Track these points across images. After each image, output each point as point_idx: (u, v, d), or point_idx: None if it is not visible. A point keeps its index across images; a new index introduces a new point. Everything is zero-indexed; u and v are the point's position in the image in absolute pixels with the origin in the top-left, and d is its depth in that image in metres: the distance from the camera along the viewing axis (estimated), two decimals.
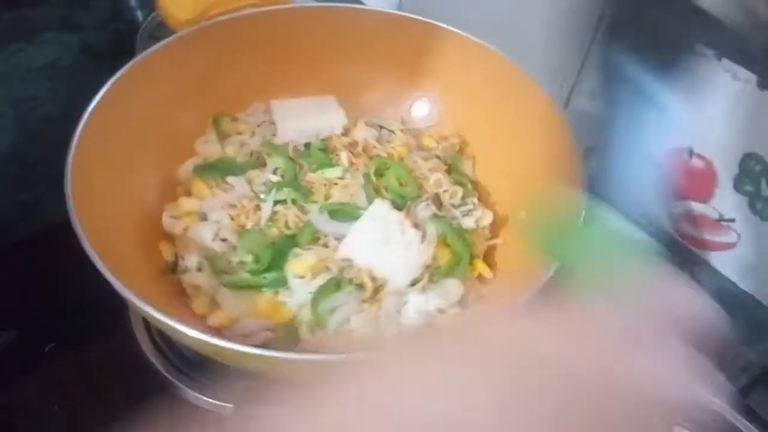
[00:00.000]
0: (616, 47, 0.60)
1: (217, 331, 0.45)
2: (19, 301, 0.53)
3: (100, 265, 0.36)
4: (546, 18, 0.67)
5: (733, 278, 0.60)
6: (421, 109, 0.62)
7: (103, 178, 0.45)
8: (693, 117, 0.58)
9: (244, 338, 0.45)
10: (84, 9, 0.86)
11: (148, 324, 0.49)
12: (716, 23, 0.51)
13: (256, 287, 0.47)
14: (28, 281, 0.54)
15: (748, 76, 0.53)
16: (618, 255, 0.34)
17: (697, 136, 0.58)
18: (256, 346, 0.41)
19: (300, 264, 0.46)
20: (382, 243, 0.46)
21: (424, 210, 0.51)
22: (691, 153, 0.59)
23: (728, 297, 0.60)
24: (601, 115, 0.66)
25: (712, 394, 0.27)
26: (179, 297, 0.47)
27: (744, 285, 0.60)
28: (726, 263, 0.60)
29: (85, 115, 0.44)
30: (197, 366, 0.47)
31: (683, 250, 0.63)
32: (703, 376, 0.27)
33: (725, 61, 0.54)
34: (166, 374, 0.49)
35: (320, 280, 0.46)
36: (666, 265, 0.32)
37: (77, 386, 0.49)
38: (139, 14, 0.89)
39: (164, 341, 0.48)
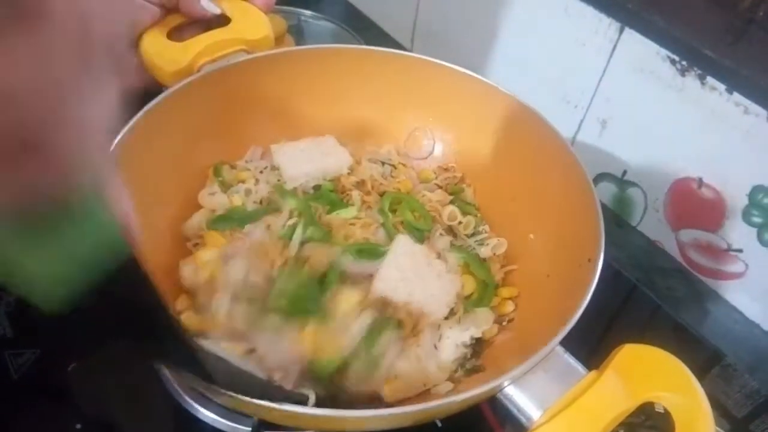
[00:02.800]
0: None
1: None
2: (42, 320, 0.54)
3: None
4: (560, 46, 0.68)
5: (740, 307, 0.62)
6: (416, 142, 0.61)
7: None
8: (703, 148, 0.59)
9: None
10: None
11: None
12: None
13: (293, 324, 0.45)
14: None
15: (758, 111, 0.54)
16: None
17: (708, 166, 0.60)
18: None
19: (347, 301, 0.45)
20: (415, 277, 0.46)
21: (441, 241, 0.52)
22: (700, 183, 0.60)
23: (734, 325, 0.61)
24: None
25: None
26: None
27: (750, 314, 0.61)
28: (733, 292, 0.62)
29: None
30: None
31: (691, 278, 0.64)
32: None
33: (736, 95, 0.55)
34: (185, 396, 0.50)
35: (365, 317, 0.45)
36: None
37: (99, 406, 0.50)
38: None
39: None
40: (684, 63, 0.58)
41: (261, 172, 0.55)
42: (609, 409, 0.34)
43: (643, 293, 0.63)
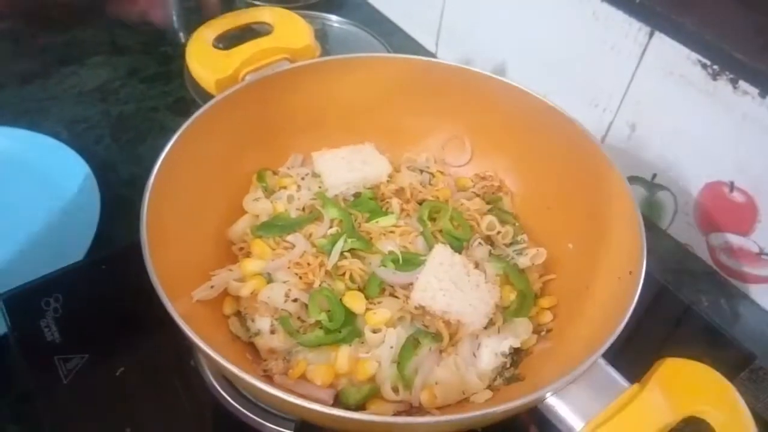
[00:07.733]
0: None
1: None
2: (90, 325, 0.54)
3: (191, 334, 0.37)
4: (589, 49, 0.68)
5: None
6: (453, 150, 0.62)
7: (167, 249, 0.44)
8: (735, 152, 0.59)
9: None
10: (131, 32, 0.88)
11: None
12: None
13: (333, 343, 0.46)
14: (99, 306, 0.54)
15: None
16: None
17: (739, 170, 0.60)
18: None
19: (376, 318, 0.46)
20: (454, 287, 0.47)
21: (479, 250, 0.52)
22: (732, 187, 0.60)
23: (766, 328, 0.61)
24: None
25: None
26: (255, 359, 0.48)
27: None
28: (765, 296, 0.62)
29: (149, 183, 0.44)
30: None
31: (721, 281, 0.64)
32: None
33: None
34: (230, 400, 0.51)
35: (400, 331, 0.46)
36: None
37: (147, 410, 0.51)
38: (182, 36, 0.91)
39: None
40: (715, 67, 0.58)
41: (303, 178, 0.56)
42: (652, 422, 0.35)
43: (672, 296, 0.63)
